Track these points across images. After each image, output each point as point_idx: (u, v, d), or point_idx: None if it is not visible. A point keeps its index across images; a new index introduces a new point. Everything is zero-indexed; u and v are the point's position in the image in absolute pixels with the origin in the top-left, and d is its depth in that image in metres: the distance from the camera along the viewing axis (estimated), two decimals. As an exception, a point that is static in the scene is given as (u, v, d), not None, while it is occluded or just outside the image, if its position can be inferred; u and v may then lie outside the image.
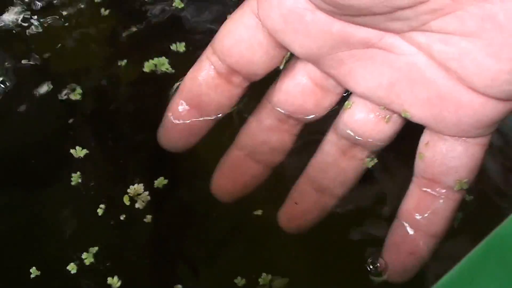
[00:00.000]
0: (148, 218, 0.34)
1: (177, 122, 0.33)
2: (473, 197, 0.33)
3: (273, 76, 0.33)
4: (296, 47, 0.30)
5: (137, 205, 0.34)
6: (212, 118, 0.33)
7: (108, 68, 0.37)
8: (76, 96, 0.36)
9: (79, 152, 0.35)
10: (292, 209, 0.33)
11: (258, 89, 0.33)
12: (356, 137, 0.32)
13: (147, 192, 0.34)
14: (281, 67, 0.32)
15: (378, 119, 0.31)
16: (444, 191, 0.31)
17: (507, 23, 0.26)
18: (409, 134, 0.32)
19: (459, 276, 0.21)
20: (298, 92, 0.32)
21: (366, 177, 0.33)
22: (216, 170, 0.33)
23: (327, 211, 0.33)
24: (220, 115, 0.33)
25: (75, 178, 0.34)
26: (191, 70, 0.33)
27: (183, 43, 0.37)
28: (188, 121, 0.33)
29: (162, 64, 0.36)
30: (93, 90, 0.37)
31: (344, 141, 0.32)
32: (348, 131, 0.32)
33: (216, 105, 0.33)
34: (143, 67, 0.36)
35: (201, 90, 0.32)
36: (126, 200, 0.34)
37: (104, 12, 0.38)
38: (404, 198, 0.32)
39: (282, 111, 0.33)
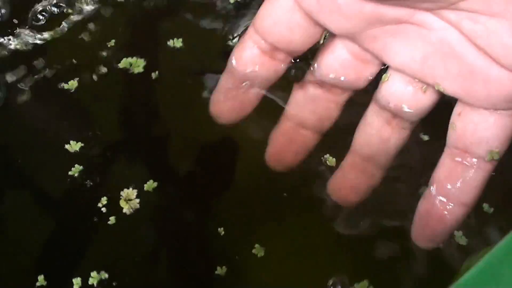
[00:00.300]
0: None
1: (228, 96, 0.35)
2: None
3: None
4: (332, 26, 0.31)
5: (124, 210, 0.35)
6: (262, 92, 0.35)
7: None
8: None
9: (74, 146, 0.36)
10: (341, 180, 0.35)
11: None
12: (395, 108, 0.33)
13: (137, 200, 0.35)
14: (321, 42, 0.33)
15: (414, 91, 0.32)
16: (475, 161, 0.32)
17: None
18: (443, 105, 0.33)
19: (484, 271, 0.22)
20: (338, 65, 0.33)
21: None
22: (269, 142, 0.35)
23: (374, 182, 0.34)
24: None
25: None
26: (236, 49, 0.34)
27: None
28: (238, 95, 0.34)
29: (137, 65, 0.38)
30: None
31: (384, 112, 0.34)
32: (387, 103, 0.33)
33: (262, 80, 0.34)
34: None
35: (246, 67, 0.34)
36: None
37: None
38: (436, 167, 0.33)
39: (326, 81, 0.34)
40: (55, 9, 0.39)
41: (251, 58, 0.33)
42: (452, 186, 0.32)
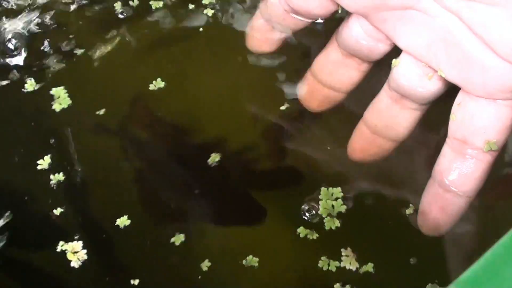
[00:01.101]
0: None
1: (258, 34, 0.38)
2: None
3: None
4: (344, 4, 0.33)
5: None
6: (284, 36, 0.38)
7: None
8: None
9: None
10: (354, 144, 0.37)
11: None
12: (402, 90, 0.34)
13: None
14: (339, 11, 0.35)
15: (420, 76, 0.33)
16: (474, 152, 0.32)
17: None
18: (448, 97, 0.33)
19: (485, 268, 0.22)
20: (353, 39, 0.35)
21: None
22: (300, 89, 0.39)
23: (384, 152, 0.36)
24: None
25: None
26: (262, 3, 0.37)
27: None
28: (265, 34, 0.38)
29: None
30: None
31: (393, 92, 0.35)
32: (397, 84, 0.34)
33: (285, 29, 0.37)
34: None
35: (271, 19, 0.37)
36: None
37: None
38: (437, 158, 0.33)
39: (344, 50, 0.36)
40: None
41: (275, 13, 0.37)
42: (453, 177, 0.32)
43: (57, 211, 0.36)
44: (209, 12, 0.43)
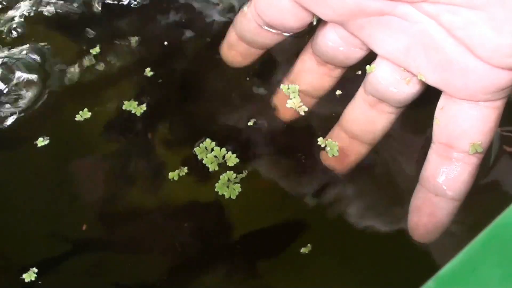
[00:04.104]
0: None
1: (233, 48, 0.38)
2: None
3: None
4: (320, 14, 0.33)
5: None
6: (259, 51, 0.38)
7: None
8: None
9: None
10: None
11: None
12: (379, 95, 0.34)
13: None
14: (314, 23, 0.35)
15: (398, 80, 0.33)
16: (460, 155, 0.32)
17: None
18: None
19: (462, 265, 0.22)
20: (329, 47, 0.35)
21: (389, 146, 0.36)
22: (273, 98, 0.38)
23: (360, 156, 0.36)
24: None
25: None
26: (239, 15, 0.37)
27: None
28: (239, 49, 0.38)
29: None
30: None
31: (370, 96, 0.35)
32: (374, 89, 0.34)
33: (260, 45, 0.37)
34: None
35: (245, 35, 0.37)
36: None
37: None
38: (424, 164, 0.33)
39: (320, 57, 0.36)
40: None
41: (249, 28, 0.36)
42: (440, 182, 0.32)
43: None
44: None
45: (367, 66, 0.34)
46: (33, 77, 0.39)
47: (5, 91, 0.39)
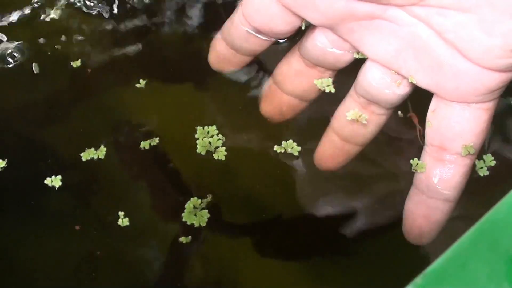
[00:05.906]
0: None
1: (221, 56, 0.37)
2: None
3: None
4: (309, 18, 0.33)
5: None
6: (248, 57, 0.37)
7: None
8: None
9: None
10: (322, 152, 0.36)
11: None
12: (370, 97, 0.34)
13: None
14: (303, 27, 0.34)
15: (388, 83, 0.33)
16: (453, 157, 0.32)
17: (499, 1, 0.27)
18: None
19: (450, 262, 0.22)
20: (318, 50, 0.35)
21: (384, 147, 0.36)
22: (261, 99, 0.38)
23: (350, 156, 0.36)
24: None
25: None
26: (227, 21, 0.36)
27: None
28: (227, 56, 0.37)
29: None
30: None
31: (361, 98, 0.35)
32: (365, 91, 0.34)
33: (249, 51, 0.37)
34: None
35: (233, 41, 0.36)
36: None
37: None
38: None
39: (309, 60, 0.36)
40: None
41: (237, 35, 0.36)
42: (434, 184, 0.32)
43: None
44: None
45: (361, 68, 0.34)
46: None
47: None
